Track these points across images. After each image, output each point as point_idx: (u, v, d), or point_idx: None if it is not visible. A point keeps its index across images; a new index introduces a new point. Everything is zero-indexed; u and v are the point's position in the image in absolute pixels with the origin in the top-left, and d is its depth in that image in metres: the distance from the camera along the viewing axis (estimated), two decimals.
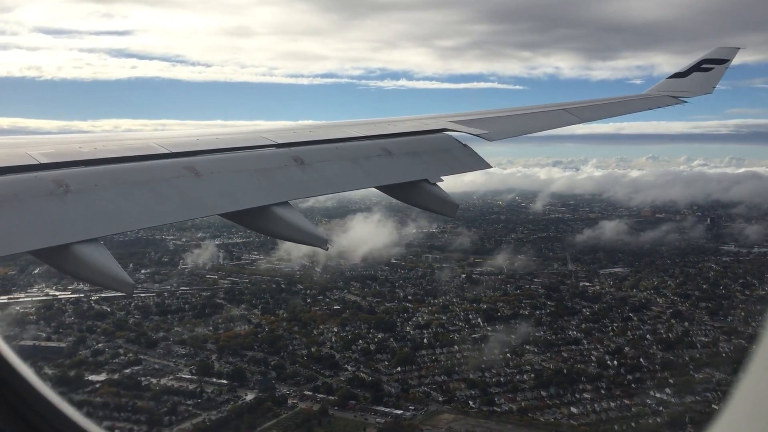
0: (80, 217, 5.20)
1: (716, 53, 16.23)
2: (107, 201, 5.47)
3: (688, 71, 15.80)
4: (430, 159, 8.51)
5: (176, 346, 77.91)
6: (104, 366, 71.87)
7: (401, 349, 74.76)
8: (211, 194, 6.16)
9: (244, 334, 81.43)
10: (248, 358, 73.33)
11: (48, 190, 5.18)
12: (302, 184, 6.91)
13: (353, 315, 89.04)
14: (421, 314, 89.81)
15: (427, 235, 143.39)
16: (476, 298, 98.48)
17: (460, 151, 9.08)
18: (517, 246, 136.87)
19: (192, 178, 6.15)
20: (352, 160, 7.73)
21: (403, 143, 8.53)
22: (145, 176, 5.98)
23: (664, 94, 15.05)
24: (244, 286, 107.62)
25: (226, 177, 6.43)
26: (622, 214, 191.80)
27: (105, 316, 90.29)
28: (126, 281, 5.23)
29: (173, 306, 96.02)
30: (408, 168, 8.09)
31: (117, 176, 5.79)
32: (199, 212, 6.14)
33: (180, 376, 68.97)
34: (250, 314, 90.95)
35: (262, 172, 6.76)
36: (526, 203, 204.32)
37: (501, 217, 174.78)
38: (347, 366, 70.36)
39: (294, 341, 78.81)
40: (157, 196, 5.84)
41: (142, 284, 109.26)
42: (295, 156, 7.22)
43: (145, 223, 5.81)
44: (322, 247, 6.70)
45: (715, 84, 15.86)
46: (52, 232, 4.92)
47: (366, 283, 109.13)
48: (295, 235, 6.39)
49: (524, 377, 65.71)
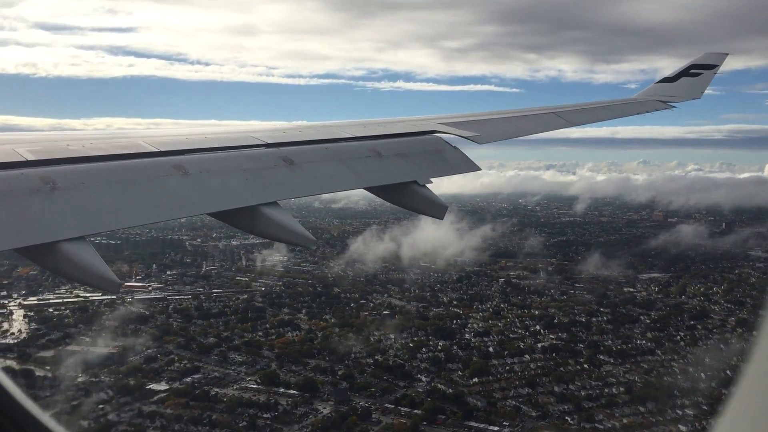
0: (67, 215, 5.08)
1: (705, 59, 16.22)
2: (94, 199, 5.36)
3: (676, 76, 15.78)
4: (420, 161, 8.44)
5: (231, 353, 74.32)
6: (161, 374, 68.16)
7: (469, 357, 71.71)
8: (199, 193, 6.08)
9: (298, 340, 78.08)
10: (311, 366, 69.92)
11: (34, 187, 5.09)
12: (291, 185, 6.89)
13: (406, 321, 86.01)
14: (474, 320, 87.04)
15: (454, 236, 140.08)
16: (524, 303, 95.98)
17: (450, 153, 9.00)
18: (545, 249, 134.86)
19: (180, 177, 6.05)
20: (341, 160, 7.67)
21: (392, 145, 8.49)
22: (133, 175, 5.84)
23: (653, 99, 14.95)
24: (280, 289, 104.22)
25: (215, 176, 6.35)
26: (640, 218, 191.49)
27: (145, 320, 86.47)
28: (112, 280, 4.98)
29: (213, 309, 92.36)
30: (397, 169, 8.02)
31: (104, 174, 5.67)
32: (188, 211, 6.00)
33: (245, 385, 65.42)
34: (296, 319, 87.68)
35: (251, 171, 6.69)
36: (548, 205, 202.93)
37: (526, 219, 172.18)
38: (420, 376, 67.14)
39: (354, 348, 75.54)
40: (144, 194, 5.71)
41: (172, 286, 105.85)
42: (284, 156, 7.18)
43: (132, 221, 5.65)
44: (309, 247, 7.77)
45: (704, 89, 15.81)
46: (38, 229, 4.82)
47: (404, 287, 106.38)
48: (283, 235, 6.28)
49: (613, 390, 62.85)
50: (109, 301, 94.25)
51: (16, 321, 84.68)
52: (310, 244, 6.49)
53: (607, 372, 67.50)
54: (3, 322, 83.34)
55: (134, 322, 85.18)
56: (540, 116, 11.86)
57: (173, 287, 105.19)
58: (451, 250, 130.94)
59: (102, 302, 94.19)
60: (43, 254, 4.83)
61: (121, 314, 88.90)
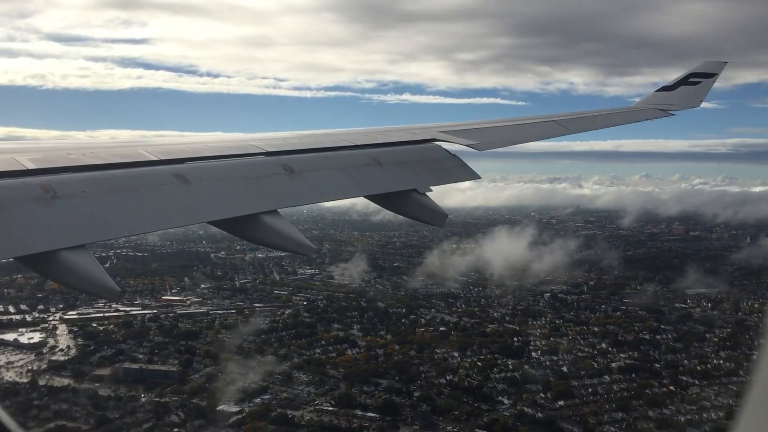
0: (67, 224, 5.02)
1: (704, 67, 16.18)
2: (94, 207, 5.29)
3: (675, 84, 15.71)
4: (420, 169, 8.38)
5: (295, 371, 71.13)
6: (227, 394, 64.83)
7: (547, 378, 68.75)
8: (199, 202, 5.98)
9: (361, 358, 74.94)
10: (383, 386, 66.74)
11: (35, 195, 5.04)
12: (291, 193, 6.79)
13: (465, 337, 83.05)
14: (535, 337, 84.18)
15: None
16: (579, 319, 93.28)
17: (450, 161, 8.94)
18: (575, 263, 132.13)
19: (180, 185, 5.96)
20: (341, 169, 7.63)
21: (392, 153, 8.44)
22: (133, 183, 5.76)
23: (652, 107, 14.88)
24: (324, 303, 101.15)
25: (215, 184, 6.28)
26: (660, 231, 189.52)
27: (194, 335, 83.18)
28: (112, 288, 4.92)
29: (262, 324, 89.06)
30: (397, 177, 7.97)
31: (104, 183, 5.62)
32: (188, 220, 5.85)
33: (320, 407, 62.17)
34: (350, 335, 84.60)
35: (251, 180, 6.60)
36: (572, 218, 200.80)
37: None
38: (501, 398, 64.06)
39: (420, 367, 72.47)
40: (144, 202, 5.62)
41: (210, 300, 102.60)
42: (284, 164, 7.09)
43: (132, 230, 5.53)
44: (310, 255, 7.24)
45: (703, 98, 15.73)
46: (38, 238, 4.76)
47: (448, 301, 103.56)
48: (284, 243, 6.19)
49: (711, 414, 59.90)
50: (152, 316, 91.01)
51: (61, 336, 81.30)
52: (311, 252, 6.43)
53: (696, 394, 64.53)
54: (48, 338, 79.89)
55: (184, 337, 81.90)
56: (539, 124, 11.76)
57: (212, 301, 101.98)
58: (483, 263, 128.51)
59: (145, 317, 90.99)
60: (43, 263, 4.78)
61: (165, 328, 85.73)
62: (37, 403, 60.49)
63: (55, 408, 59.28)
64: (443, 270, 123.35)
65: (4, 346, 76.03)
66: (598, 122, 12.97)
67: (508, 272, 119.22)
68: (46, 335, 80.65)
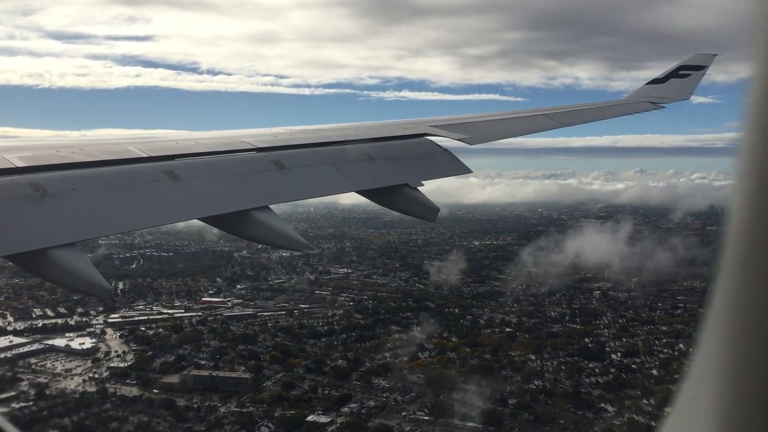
0: (57, 222, 4.90)
1: (694, 60, 16.37)
2: (84, 205, 5.20)
3: (665, 77, 15.79)
4: (411, 163, 8.34)
5: (372, 377, 67.17)
6: (311, 402, 60.78)
7: (641, 382, 65.46)
8: (190, 198, 5.92)
9: (437, 362, 71.12)
10: (472, 393, 62.93)
11: (24, 194, 4.93)
12: (283, 189, 6.74)
13: (535, 339, 79.55)
14: (606, 338, 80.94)
15: None
16: (640, 318, 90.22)
17: (441, 155, 8.92)
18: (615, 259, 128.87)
19: (170, 182, 5.88)
20: (333, 164, 7.55)
21: (384, 148, 8.37)
22: (123, 180, 5.65)
23: (642, 100, 14.94)
24: (371, 304, 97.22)
25: (206, 181, 6.19)
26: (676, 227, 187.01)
27: (251, 339, 78.80)
28: (103, 286, 4.80)
29: (317, 327, 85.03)
30: (389, 172, 7.89)
31: (94, 180, 5.51)
32: (178, 217, 5.81)
33: (415, 416, 58.27)
34: (411, 337, 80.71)
35: (242, 176, 6.51)
36: None
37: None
38: (604, 405, 60.52)
39: (502, 372, 68.79)
40: (135, 200, 5.53)
41: (253, 301, 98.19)
42: (275, 160, 7.03)
43: (123, 227, 5.58)
44: (302, 251, 6.78)
45: (693, 90, 15.81)
46: (28, 236, 4.65)
47: (498, 300, 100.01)
48: (275, 239, 6.07)
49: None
50: (200, 319, 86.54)
51: (112, 341, 76.63)
52: (303, 248, 6.38)
53: None
54: (99, 343, 75.24)
55: (241, 341, 77.58)
56: (530, 117, 11.79)
57: (254, 303, 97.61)
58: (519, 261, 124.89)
59: (192, 319, 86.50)
60: (34, 261, 4.65)
61: (219, 332, 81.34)
62: (113, 413, 56.06)
63: (134, 420, 54.85)
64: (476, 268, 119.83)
65: (56, 353, 71.32)
66: (587, 115, 12.89)
67: (554, 270, 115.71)
68: (97, 340, 75.93)
